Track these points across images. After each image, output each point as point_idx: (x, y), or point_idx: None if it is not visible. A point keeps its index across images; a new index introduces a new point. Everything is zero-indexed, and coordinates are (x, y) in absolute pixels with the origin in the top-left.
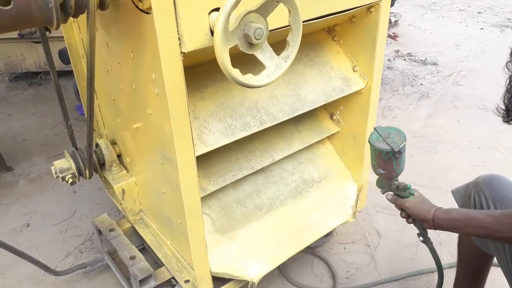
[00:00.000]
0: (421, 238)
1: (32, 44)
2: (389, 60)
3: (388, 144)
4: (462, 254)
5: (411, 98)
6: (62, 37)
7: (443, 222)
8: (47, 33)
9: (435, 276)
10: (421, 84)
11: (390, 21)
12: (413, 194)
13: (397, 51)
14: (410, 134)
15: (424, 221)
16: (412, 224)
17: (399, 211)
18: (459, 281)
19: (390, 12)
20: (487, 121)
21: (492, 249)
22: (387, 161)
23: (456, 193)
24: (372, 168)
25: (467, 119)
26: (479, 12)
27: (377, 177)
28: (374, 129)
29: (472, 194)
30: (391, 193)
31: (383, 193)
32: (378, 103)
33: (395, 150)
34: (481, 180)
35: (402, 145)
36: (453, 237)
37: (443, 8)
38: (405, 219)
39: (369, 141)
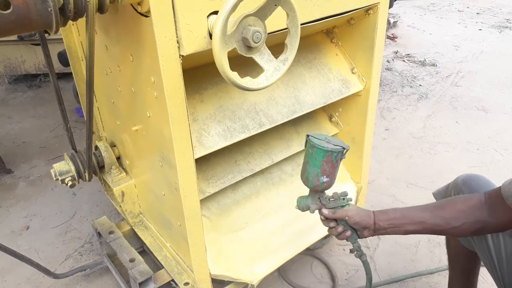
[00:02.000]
0: (355, 253)
1: (32, 47)
2: (388, 61)
3: (338, 145)
4: (451, 255)
5: (410, 99)
6: (61, 39)
7: (383, 223)
8: (47, 35)
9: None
10: (420, 85)
11: (389, 22)
12: (350, 201)
13: (396, 52)
14: (409, 135)
15: (365, 228)
16: (345, 240)
17: (331, 228)
18: (452, 283)
19: (389, 13)
20: (486, 122)
21: (475, 248)
22: (335, 165)
23: (437, 194)
24: (310, 179)
25: (466, 120)
26: (477, 13)
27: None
28: (309, 135)
29: (452, 195)
30: (322, 209)
31: (312, 212)
32: (377, 104)
33: (346, 148)
34: (460, 181)
35: (347, 145)
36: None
37: (442, 9)
38: (338, 235)
39: (313, 146)
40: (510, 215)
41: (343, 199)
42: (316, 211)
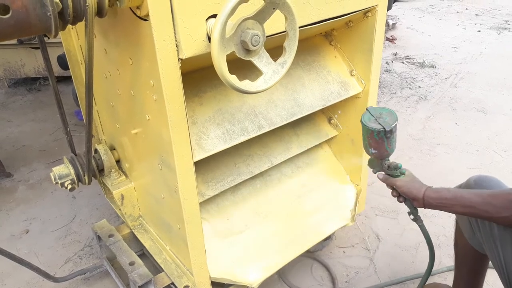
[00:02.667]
0: (411, 217)
1: (31, 50)
2: (387, 63)
3: (380, 124)
4: (458, 255)
5: (409, 101)
6: (61, 42)
7: (433, 201)
8: (46, 39)
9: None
10: (419, 86)
11: (388, 24)
12: (404, 174)
13: (395, 54)
14: (409, 136)
15: (414, 200)
16: (403, 203)
17: (390, 190)
18: (457, 283)
19: (388, 15)
20: (485, 123)
21: (485, 249)
22: (379, 141)
23: None
24: (364, 148)
25: (465, 122)
26: (476, 15)
27: (368, 157)
28: (366, 109)
29: None
30: (382, 173)
31: (375, 173)
32: (376, 106)
33: (386, 129)
34: (472, 181)
35: (394, 124)
36: (453, 240)
37: (440, 11)
38: (396, 198)
39: (361, 121)
40: None
41: (396, 170)
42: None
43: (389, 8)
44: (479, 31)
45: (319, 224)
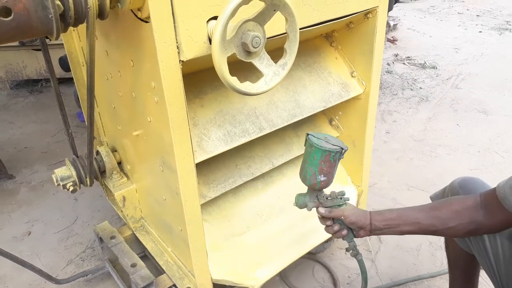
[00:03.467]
0: (351, 251)
1: (33, 52)
2: (388, 64)
3: (336, 144)
4: (450, 258)
5: (411, 102)
6: (62, 44)
7: (379, 224)
8: (48, 40)
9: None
10: (420, 87)
11: (389, 25)
12: (347, 201)
13: (396, 55)
14: (410, 138)
15: (361, 228)
16: (341, 239)
17: (327, 226)
18: (453, 285)
19: (389, 16)
20: (486, 124)
21: (473, 250)
22: (333, 165)
23: (434, 198)
24: (308, 178)
25: (467, 123)
26: (477, 15)
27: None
28: (309, 134)
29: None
30: (319, 207)
31: (309, 210)
32: (378, 107)
33: (344, 148)
34: (456, 184)
35: (346, 145)
36: None
37: (441, 12)
38: (334, 233)
39: (312, 145)
40: (505, 216)
41: (340, 198)
42: (314, 209)
43: (390, 9)
44: (480, 32)
45: (320, 226)
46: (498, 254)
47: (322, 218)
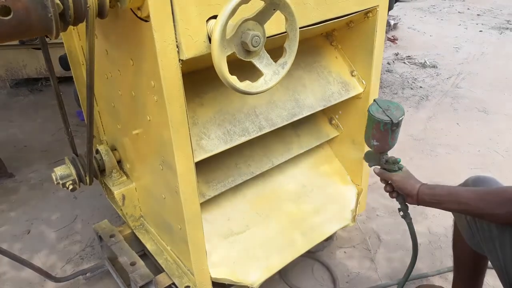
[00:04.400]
0: (401, 213)
1: (33, 51)
2: (388, 63)
3: (388, 116)
4: (456, 257)
5: (411, 101)
6: (62, 43)
7: (426, 197)
8: (47, 39)
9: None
10: (420, 87)
11: (389, 24)
12: (401, 169)
13: (397, 54)
14: (410, 137)
15: (408, 196)
16: (395, 199)
17: (384, 185)
18: (456, 284)
19: (389, 15)
20: (486, 123)
21: (484, 249)
22: (383, 133)
23: None
24: (366, 139)
25: (467, 122)
26: (478, 15)
27: (365, 151)
28: (374, 100)
29: None
30: (378, 167)
31: (370, 166)
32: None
33: (393, 121)
34: (470, 182)
35: (401, 118)
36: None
37: (442, 11)
38: (388, 193)
39: (368, 111)
40: None
41: (394, 164)
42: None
43: (390, 8)
44: (480, 31)
45: (320, 225)
46: (507, 253)
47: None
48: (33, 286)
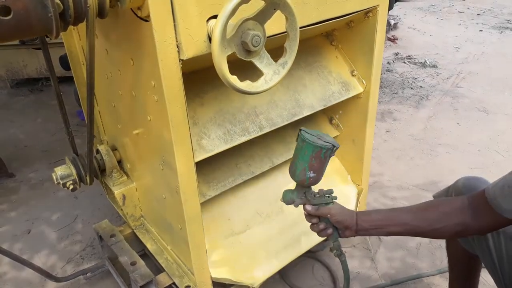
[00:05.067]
0: (335, 251)
1: (33, 51)
2: (388, 63)
3: (328, 142)
4: (451, 258)
5: (411, 100)
6: (62, 43)
7: (366, 224)
8: (48, 39)
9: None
10: (420, 86)
11: (389, 24)
12: (335, 199)
13: (397, 54)
14: (410, 136)
15: (347, 228)
16: (326, 238)
17: (313, 224)
18: (452, 284)
19: (389, 15)
20: (487, 123)
21: (476, 249)
22: (323, 161)
23: (437, 197)
24: (297, 173)
25: (467, 122)
26: (478, 14)
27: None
28: (301, 130)
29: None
30: (306, 204)
31: (296, 206)
32: (378, 106)
33: (336, 146)
34: (461, 183)
35: (338, 143)
36: None
37: (442, 11)
38: (320, 231)
39: (304, 140)
40: (493, 217)
41: (328, 196)
42: (300, 206)
43: (390, 8)
44: (480, 30)
45: None
46: (502, 254)
47: (308, 216)
48: (34, 286)
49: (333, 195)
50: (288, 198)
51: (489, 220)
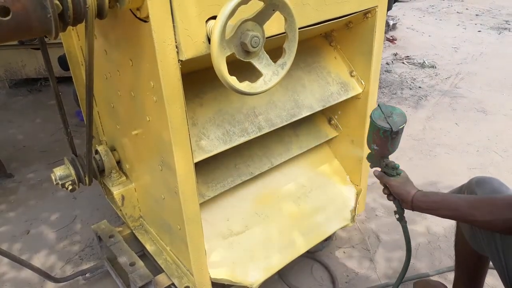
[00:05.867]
0: (397, 216)
1: (32, 51)
2: (387, 63)
3: (388, 123)
4: (458, 257)
5: (410, 101)
6: (61, 43)
7: (421, 203)
8: (46, 40)
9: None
10: (419, 87)
11: (388, 24)
12: (399, 174)
13: (395, 54)
14: (409, 137)
15: (403, 201)
16: (392, 202)
17: (382, 187)
18: (457, 283)
19: (388, 16)
20: (485, 123)
21: (486, 250)
22: (383, 139)
23: None
24: (367, 142)
25: (466, 122)
26: (476, 15)
27: (368, 151)
28: (378, 105)
29: None
30: (379, 169)
31: (371, 167)
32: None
33: (393, 130)
34: (474, 182)
35: (402, 126)
36: (453, 241)
37: (441, 11)
38: (386, 195)
39: (370, 117)
40: None
41: (393, 169)
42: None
43: (389, 8)
44: (479, 31)
45: (319, 225)
46: (510, 255)
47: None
48: (33, 286)
49: (398, 169)
50: (369, 158)
51: None
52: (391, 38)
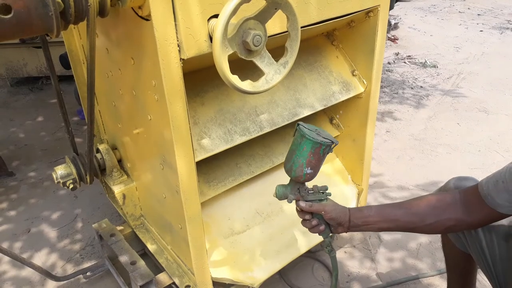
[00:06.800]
0: (328, 248)
1: (33, 49)
2: (389, 63)
3: (327, 138)
4: (447, 258)
5: (411, 100)
6: (63, 41)
7: (358, 221)
8: (48, 38)
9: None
10: (421, 86)
11: (390, 24)
12: (329, 196)
13: (397, 54)
14: (410, 136)
15: (340, 224)
16: (317, 234)
17: (305, 220)
18: (450, 284)
19: (390, 15)
20: (487, 123)
21: (470, 251)
22: (322, 158)
23: None
24: (294, 168)
25: (467, 122)
26: (478, 14)
27: (276, 188)
28: (299, 124)
29: None
30: (299, 200)
31: (289, 202)
32: (378, 106)
33: (335, 143)
34: (452, 184)
35: (336, 139)
36: None
37: (442, 11)
38: (312, 228)
39: (304, 136)
40: (486, 213)
41: (323, 193)
42: (293, 202)
43: (391, 7)
44: (481, 31)
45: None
46: (495, 254)
47: (301, 212)
48: (34, 285)
49: (327, 191)
50: (281, 193)
51: (482, 215)
52: (392, 37)
